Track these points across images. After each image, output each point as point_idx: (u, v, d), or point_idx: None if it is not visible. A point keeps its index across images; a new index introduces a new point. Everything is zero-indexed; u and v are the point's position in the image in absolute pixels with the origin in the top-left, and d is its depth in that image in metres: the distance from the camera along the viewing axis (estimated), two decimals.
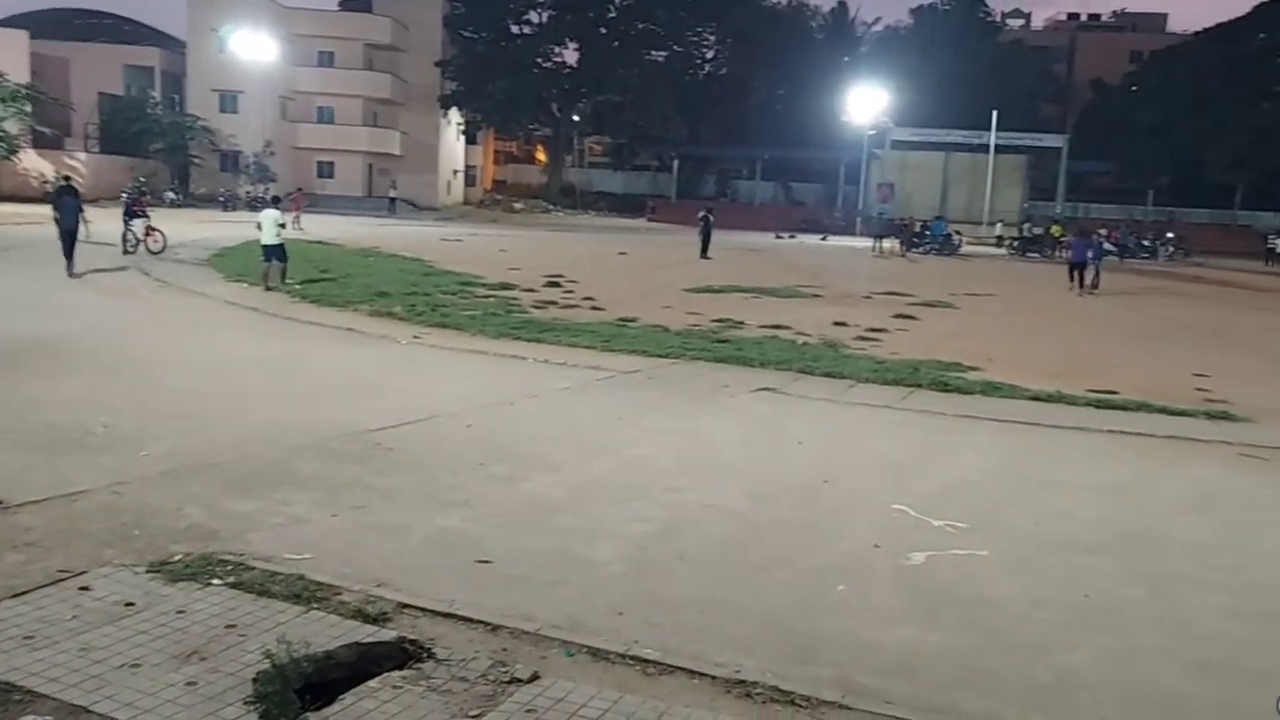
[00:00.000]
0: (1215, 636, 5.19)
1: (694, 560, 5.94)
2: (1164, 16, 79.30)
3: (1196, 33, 62.34)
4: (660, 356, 12.99)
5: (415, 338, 13.86)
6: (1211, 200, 59.73)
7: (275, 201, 20.52)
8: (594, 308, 17.76)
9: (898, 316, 17.81)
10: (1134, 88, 61.92)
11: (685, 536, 6.36)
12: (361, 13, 60.99)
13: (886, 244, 39.75)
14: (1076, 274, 25.92)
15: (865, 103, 54.26)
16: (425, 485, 7.14)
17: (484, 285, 20.40)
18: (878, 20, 71.45)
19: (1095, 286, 25.20)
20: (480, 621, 4.93)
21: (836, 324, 16.15)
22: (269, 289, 18.10)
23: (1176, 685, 4.65)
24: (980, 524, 6.83)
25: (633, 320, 16.15)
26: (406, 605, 5.07)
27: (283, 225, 18.84)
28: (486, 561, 5.76)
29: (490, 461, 7.80)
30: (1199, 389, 12.47)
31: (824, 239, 47.91)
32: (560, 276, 22.47)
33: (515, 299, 18.47)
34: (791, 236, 48.20)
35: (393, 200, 56.45)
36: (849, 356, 13.04)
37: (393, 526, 6.27)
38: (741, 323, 15.95)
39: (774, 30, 63.05)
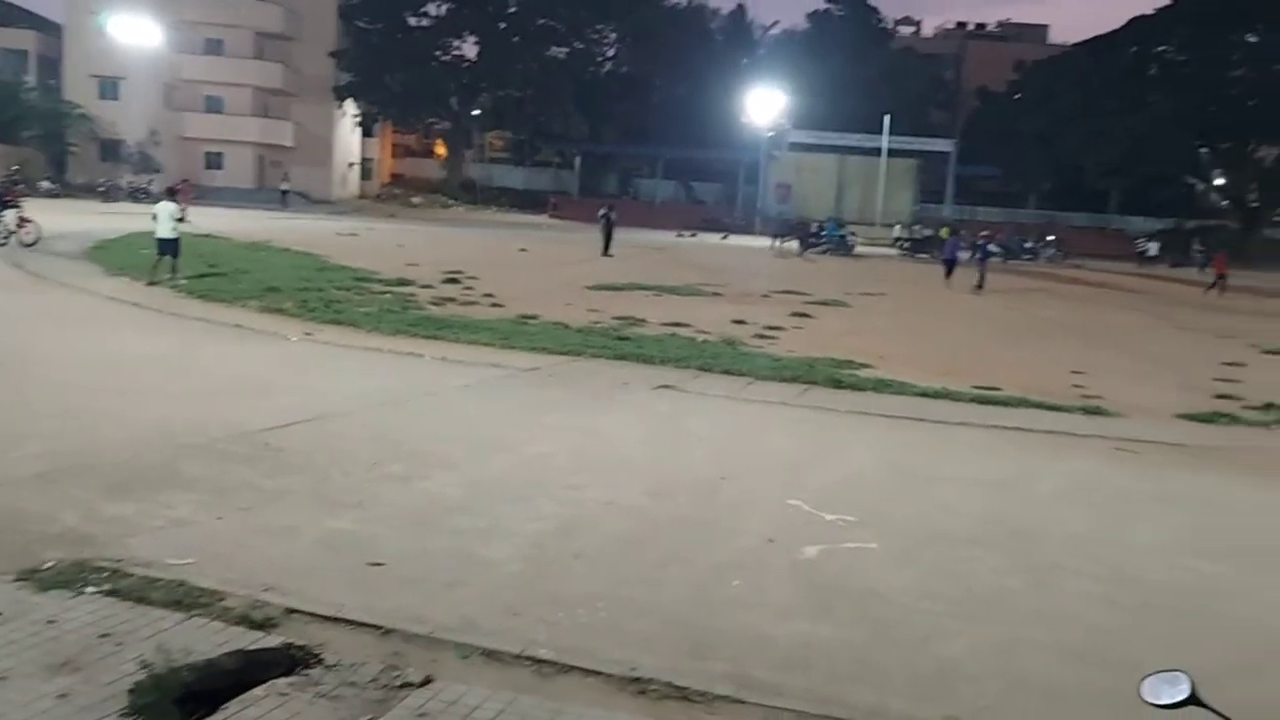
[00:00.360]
0: (1091, 626, 5.43)
1: (592, 558, 5.94)
2: (1045, 28, 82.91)
3: (1076, 44, 64.51)
4: (560, 354, 12.95)
5: (307, 335, 13.51)
6: (1089, 204, 62.21)
7: (171, 194, 19.65)
8: (494, 304, 17.59)
9: (794, 315, 18.08)
10: (1017, 96, 63.50)
11: (584, 534, 6.35)
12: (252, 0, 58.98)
13: (785, 243, 40.12)
14: (949, 270, 27.59)
15: (764, 104, 54.95)
16: (316, 486, 6.97)
17: (380, 281, 19.99)
18: (775, 23, 73.01)
19: (980, 286, 25.87)
20: (371, 625, 4.83)
21: (735, 322, 16.28)
22: (153, 284, 17.35)
23: (1053, 674, 4.85)
24: (870, 518, 7.01)
25: (533, 317, 16.06)
26: (294, 610, 4.94)
27: (180, 219, 18.22)
28: (379, 564, 5.65)
29: (385, 461, 7.66)
30: (1076, 385, 13.04)
31: (724, 238, 48.22)
32: (459, 273, 22.19)
33: (412, 295, 18.17)
34: (692, 235, 48.32)
35: (285, 193, 54.85)
36: (747, 354, 13.14)
37: (281, 529, 6.09)
38: (642, 320, 15.97)
39: (674, 30, 63.39)
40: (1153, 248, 50.05)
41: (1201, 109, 55.82)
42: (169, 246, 17.50)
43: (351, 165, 65.45)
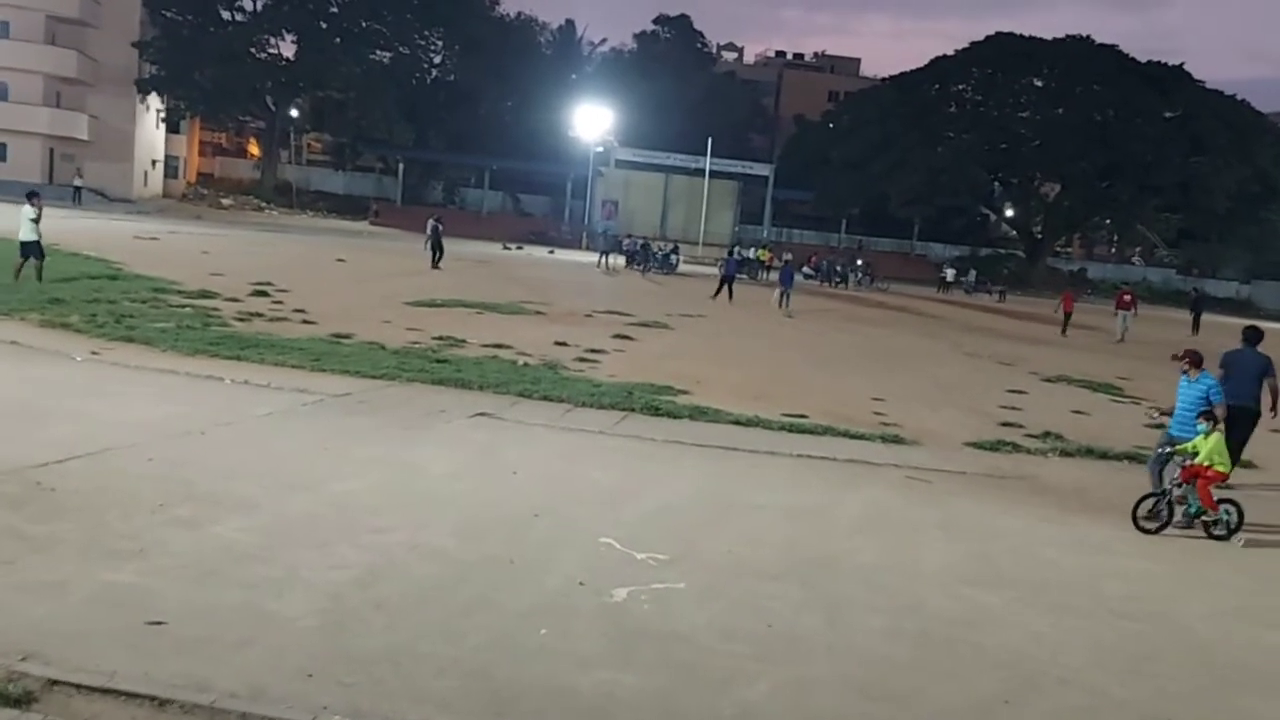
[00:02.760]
0: (877, 660, 5.69)
1: (394, 609, 5.75)
2: (858, 61, 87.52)
3: (884, 79, 68.48)
4: (374, 378, 12.54)
5: (94, 354, 12.52)
6: (895, 230, 65.80)
7: (32, 197, 18.37)
8: (305, 321, 16.84)
9: (617, 337, 18.01)
10: (830, 125, 66.93)
11: (386, 582, 6.14)
12: None
13: (612, 260, 40.25)
14: (725, 286, 28.80)
15: (591, 120, 55.59)
16: (92, 533, 6.44)
17: (180, 293, 18.80)
18: (604, 41, 73.55)
19: (780, 305, 26.72)
20: (146, 696, 4.49)
21: (558, 344, 16.13)
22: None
23: (845, 712, 5.02)
24: (680, 554, 7.11)
25: (347, 336, 15.48)
26: (57, 681, 4.53)
27: (36, 219, 17.50)
28: (159, 623, 5.26)
29: (173, 502, 7.17)
30: (877, 413, 13.73)
31: (551, 252, 48.31)
32: (269, 284, 21.18)
33: (216, 309, 17.17)
34: (519, 248, 48.19)
35: (78, 190, 51.02)
36: (568, 379, 13.01)
37: (48, 585, 5.58)
38: (463, 341, 15.54)
39: (503, 41, 63.01)
40: (951, 273, 53.34)
41: (994, 146, 60.78)
42: (30, 249, 17.45)
43: (155, 162, 61.52)
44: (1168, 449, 8.57)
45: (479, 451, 9.64)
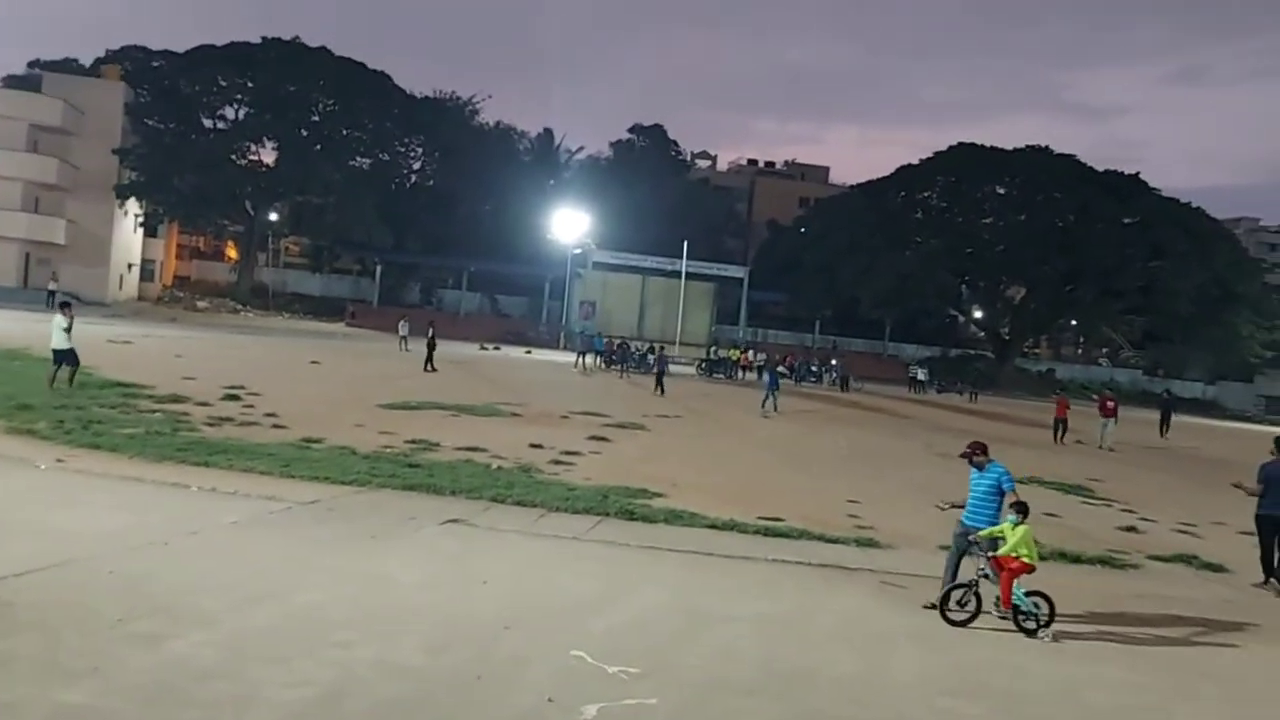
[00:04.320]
0: None
1: None
2: (827, 169, 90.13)
3: (852, 186, 70.28)
4: (344, 484, 12.35)
5: (60, 461, 12.29)
6: (867, 331, 66.45)
7: (65, 307, 18.86)
8: (276, 425, 16.53)
9: (593, 438, 17.75)
10: (802, 230, 68.22)
11: (350, 701, 5.96)
12: (29, 92, 55.46)
13: (589, 360, 39.85)
14: (658, 383, 29.76)
15: (569, 224, 56.12)
16: (48, 650, 6.23)
17: (151, 397, 18.54)
18: (581, 149, 74.99)
19: (764, 407, 26.48)
20: None
21: (533, 446, 15.84)
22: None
23: None
24: (653, 668, 6.96)
25: (318, 441, 15.22)
26: None
27: (67, 329, 18.18)
28: None
29: (133, 617, 6.97)
30: (851, 514, 13.63)
31: (529, 352, 47.86)
32: (241, 388, 20.95)
33: (186, 414, 16.94)
34: (496, 348, 47.66)
35: (53, 294, 50.75)
36: (542, 482, 12.75)
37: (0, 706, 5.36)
38: (437, 444, 15.21)
39: (482, 148, 64.22)
40: (921, 373, 53.44)
41: (959, 250, 62.03)
42: (63, 356, 18.06)
43: (131, 266, 61.51)
44: (968, 538, 8.49)
45: (449, 560, 9.46)
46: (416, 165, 66.92)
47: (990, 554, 8.16)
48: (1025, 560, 8.14)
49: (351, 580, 8.46)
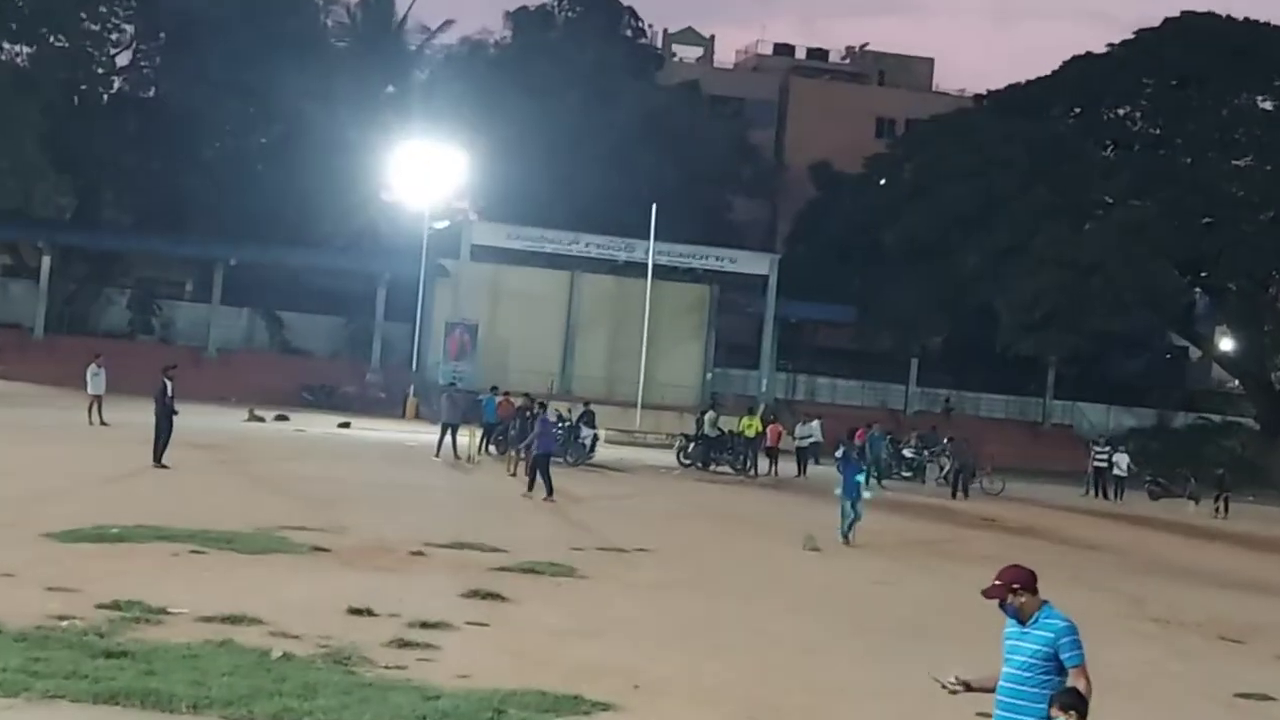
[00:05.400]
0: None
1: None
2: (929, 64, 56.14)
3: (978, 97, 44.84)
4: None
5: None
6: (1009, 380, 41.65)
7: None
8: None
9: (475, 595, 10.53)
10: (882, 181, 42.61)
11: None
12: None
13: (465, 442, 25.47)
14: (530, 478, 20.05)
15: (425, 172, 35.92)
16: None
17: None
18: (447, 26, 44.67)
19: (846, 535, 17.20)
20: None
21: (356, 612, 9.26)
22: None
23: None
24: None
25: None
26: None
27: None
28: None
29: None
30: None
31: (346, 425, 30.95)
32: None
33: None
34: (281, 418, 31.78)
35: None
36: (374, 687, 7.38)
37: None
38: (162, 611, 8.87)
39: (249, 23, 36.24)
40: (1119, 460, 32.53)
41: (1189, 220, 37.38)
42: None
43: None
44: None
45: None
46: (123, 58, 39.77)
47: None
48: None
49: None
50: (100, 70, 38.04)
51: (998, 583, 4.34)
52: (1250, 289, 38.69)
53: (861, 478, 17.48)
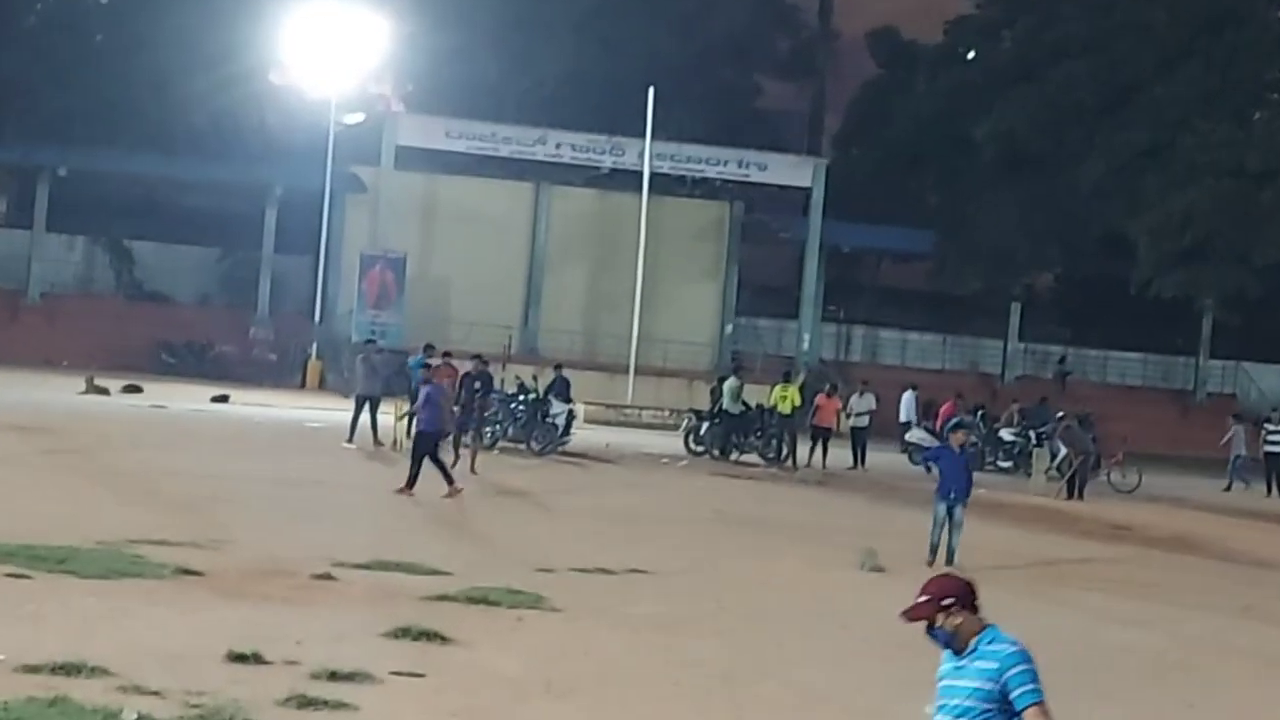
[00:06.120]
0: None
1: None
2: None
3: None
4: None
5: None
6: (1153, 330, 34.68)
7: None
8: None
9: (403, 635, 9.01)
10: (969, 53, 35.67)
11: None
12: None
13: (389, 420, 22.04)
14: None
15: (330, 45, 29.67)
16: None
17: None
18: None
19: (945, 554, 14.78)
20: None
21: (237, 659, 7.93)
22: None
23: None
24: None
25: None
26: None
27: None
28: None
29: None
30: None
31: (224, 399, 25.65)
32: None
33: None
34: (130, 389, 26.11)
35: None
36: None
37: None
38: None
39: None
40: None
41: None
42: None
43: None
44: None
45: None
46: None
47: None
48: None
49: None
50: None
51: (923, 598, 3.71)
52: None
53: (968, 468, 15.11)
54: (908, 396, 24.77)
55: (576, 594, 10.56)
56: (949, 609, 3.51)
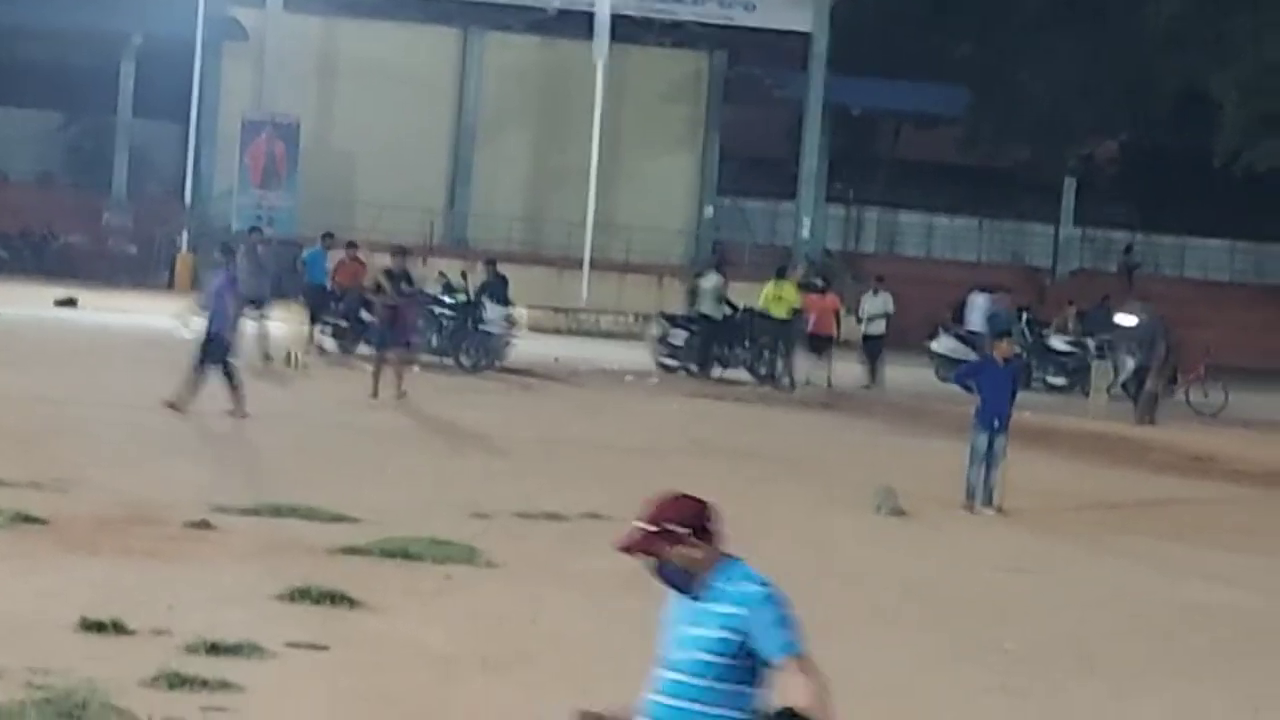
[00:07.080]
0: None
1: None
2: None
3: None
4: None
5: None
6: (1240, 213, 30.79)
7: None
8: None
9: (301, 597, 7.98)
10: None
11: None
12: None
13: (285, 330, 21.05)
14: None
15: None
16: None
17: None
18: None
19: (983, 494, 13.81)
20: None
21: (93, 627, 6.83)
22: None
23: None
24: None
25: None
26: None
27: None
28: None
29: None
30: None
31: (68, 304, 23.75)
32: None
33: None
34: None
35: None
36: None
37: None
38: None
39: None
40: None
41: None
42: None
43: None
44: None
45: None
46: None
47: None
48: None
49: None
50: None
51: (643, 525, 3.31)
52: None
53: (1013, 387, 14.11)
54: (982, 301, 21.73)
55: (518, 546, 9.80)
56: (677, 536, 3.01)
